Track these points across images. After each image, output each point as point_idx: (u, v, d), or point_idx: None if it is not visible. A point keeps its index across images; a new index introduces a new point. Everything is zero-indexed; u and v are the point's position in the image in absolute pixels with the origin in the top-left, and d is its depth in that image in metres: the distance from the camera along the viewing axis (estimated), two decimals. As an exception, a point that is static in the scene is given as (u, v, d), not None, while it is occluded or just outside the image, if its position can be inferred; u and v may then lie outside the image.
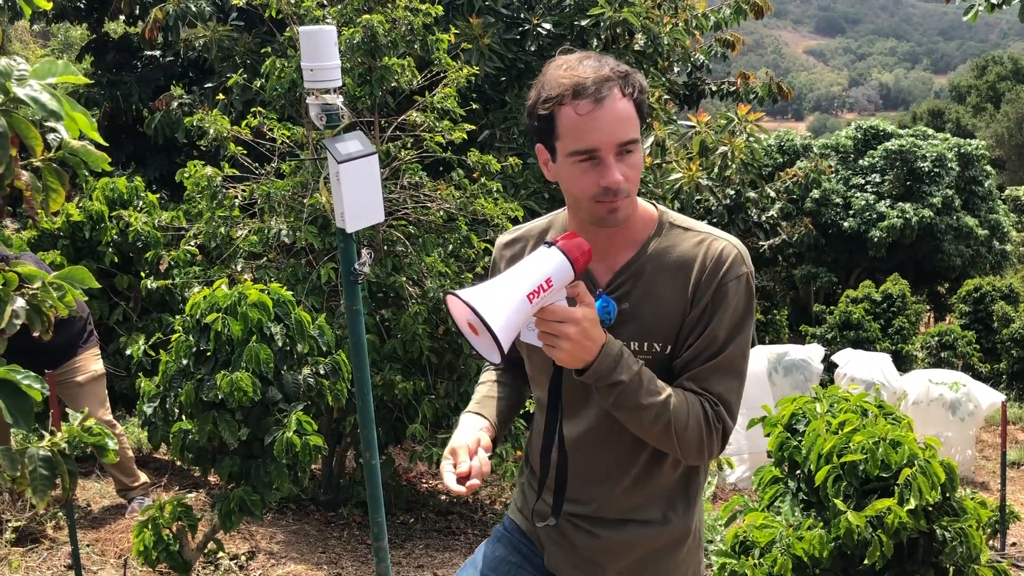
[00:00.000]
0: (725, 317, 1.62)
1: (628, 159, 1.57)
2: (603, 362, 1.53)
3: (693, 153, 6.98)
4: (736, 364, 1.65)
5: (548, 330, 1.51)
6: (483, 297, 1.44)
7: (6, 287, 1.48)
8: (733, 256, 1.64)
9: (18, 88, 1.26)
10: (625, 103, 1.56)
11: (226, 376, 3.49)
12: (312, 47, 2.81)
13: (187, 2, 8.10)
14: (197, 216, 5.36)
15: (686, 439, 1.60)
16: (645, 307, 1.65)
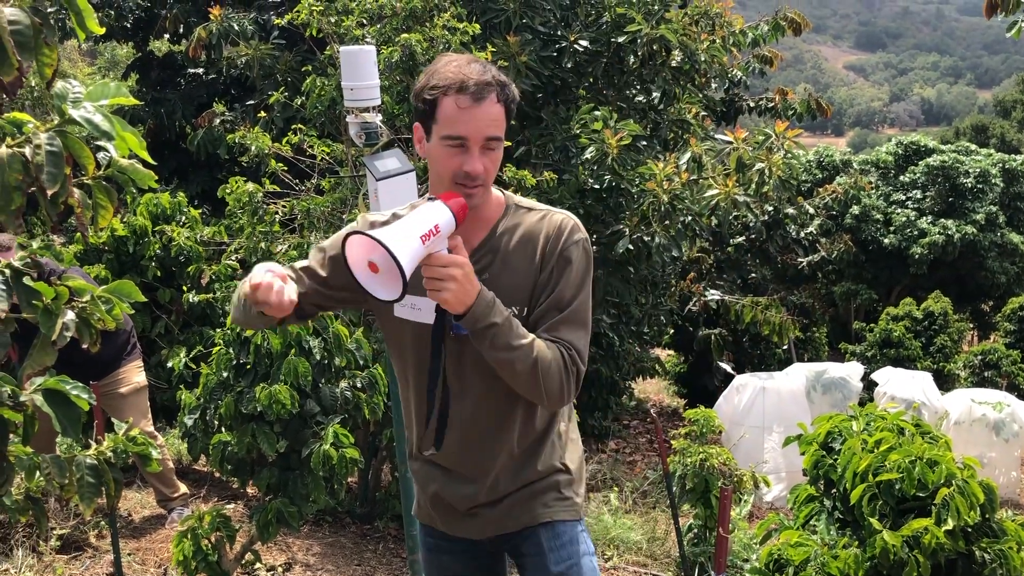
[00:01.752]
0: (570, 277, 1.90)
1: (490, 154, 1.85)
2: (480, 304, 1.76)
3: (730, 169, 6.95)
4: (582, 316, 1.93)
5: (435, 275, 1.73)
6: (387, 235, 1.61)
7: (57, 300, 1.53)
8: (571, 225, 1.94)
9: (73, 110, 1.31)
10: (498, 107, 1.83)
11: (265, 389, 3.55)
12: (352, 66, 2.87)
13: (230, 21, 8.26)
14: (238, 231, 5.46)
15: (550, 379, 1.84)
16: (502, 277, 1.91)
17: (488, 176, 1.86)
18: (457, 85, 1.80)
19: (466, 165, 1.83)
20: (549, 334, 1.88)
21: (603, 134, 6.71)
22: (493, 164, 1.86)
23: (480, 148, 1.84)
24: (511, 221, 1.96)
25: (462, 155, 1.84)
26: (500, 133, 1.85)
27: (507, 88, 1.85)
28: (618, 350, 8.77)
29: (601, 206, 7.27)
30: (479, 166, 1.83)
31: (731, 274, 12.60)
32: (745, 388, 7.47)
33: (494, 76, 1.84)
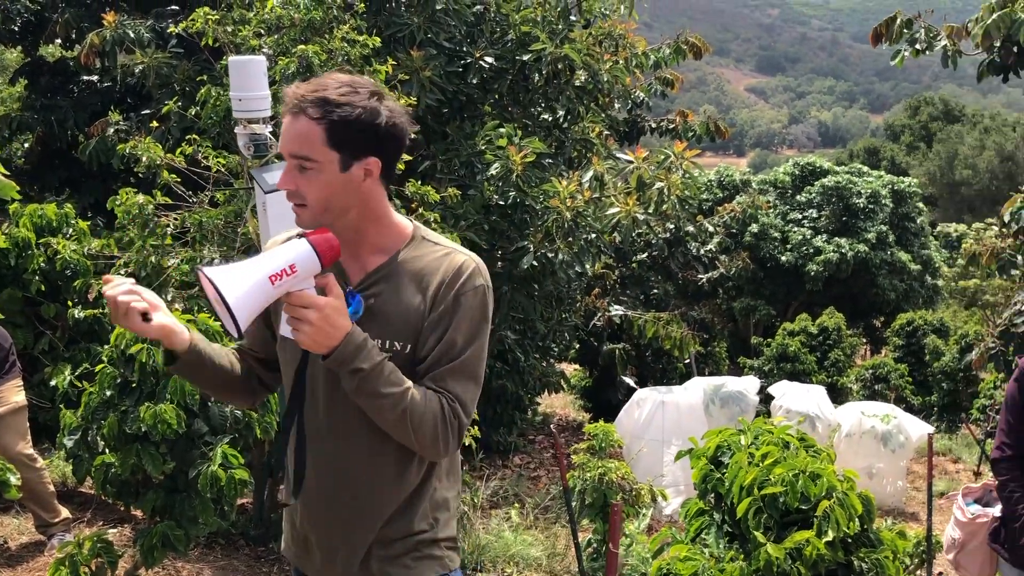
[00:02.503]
0: (462, 324, 1.81)
1: (308, 174, 1.75)
2: (345, 348, 1.69)
3: (631, 188, 7.07)
4: (472, 368, 1.83)
5: (293, 314, 1.67)
6: (225, 274, 1.58)
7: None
8: (471, 269, 1.84)
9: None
10: (310, 125, 1.73)
11: (150, 408, 3.42)
12: (241, 77, 2.80)
13: (125, 28, 8.02)
14: (128, 244, 5.28)
15: (423, 430, 1.76)
16: (389, 307, 1.83)
17: (306, 194, 1.76)
18: (287, 101, 1.77)
19: (279, 181, 1.79)
20: (435, 383, 1.80)
21: (508, 151, 6.75)
22: (310, 184, 1.75)
23: (292, 165, 1.76)
24: (412, 252, 1.87)
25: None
26: (308, 152, 1.73)
27: (334, 108, 1.73)
28: (523, 365, 8.79)
29: (506, 222, 7.30)
30: (284, 181, 1.76)
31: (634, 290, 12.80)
32: (645, 402, 7.58)
33: (324, 94, 1.74)
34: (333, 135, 1.73)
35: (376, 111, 1.76)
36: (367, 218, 1.84)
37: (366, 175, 1.79)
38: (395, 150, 1.83)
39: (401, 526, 1.91)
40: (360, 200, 1.81)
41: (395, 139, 1.81)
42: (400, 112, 1.82)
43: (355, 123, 1.74)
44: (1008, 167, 37.66)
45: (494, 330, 7.73)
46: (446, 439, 1.79)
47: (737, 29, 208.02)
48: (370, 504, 1.89)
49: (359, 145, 1.76)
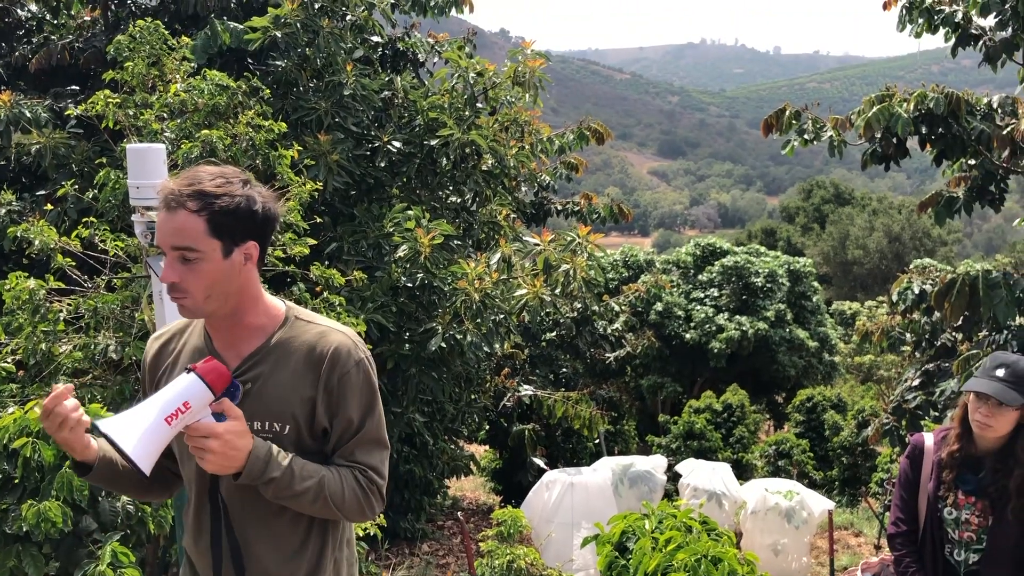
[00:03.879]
0: (352, 401, 1.89)
1: (191, 265, 1.80)
2: (254, 465, 1.76)
3: (538, 270, 7.18)
4: (376, 435, 1.93)
5: (194, 444, 1.73)
6: (121, 426, 1.62)
7: None
8: (348, 348, 1.90)
9: None
10: (190, 217, 1.78)
11: (33, 506, 3.24)
12: (139, 164, 2.77)
13: (21, 107, 7.83)
14: (17, 330, 5.06)
15: (347, 507, 1.86)
16: (267, 389, 1.88)
17: (190, 286, 1.81)
18: (160, 196, 1.82)
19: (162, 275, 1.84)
20: (345, 459, 1.90)
21: (416, 233, 6.78)
22: (195, 275, 1.80)
23: (174, 257, 1.81)
24: (287, 333, 1.92)
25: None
26: (191, 243, 1.79)
27: (213, 200, 1.78)
28: (432, 449, 8.69)
29: (414, 304, 7.30)
30: (168, 274, 1.81)
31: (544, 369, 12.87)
32: (554, 484, 7.55)
33: (200, 187, 1.79)
34: (214, 225, 1.80)
35: (252, 198, 1.84)
36: (244, 302, 1.89)
37: (246, 259, 1.86)
38: (270, 233, 1.91)
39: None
40: (239, 285, 1.87)
41: (271, 222, 1.89)
42: (271, 196, 1.91)
43: (235, 212, 1.81)
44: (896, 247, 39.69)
45: (401, 413, 7.66)
46: (370, 505, 1.90)
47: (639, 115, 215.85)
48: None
49: (239, 232, 1.82)
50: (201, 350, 1.92)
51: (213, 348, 1.93)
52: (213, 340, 1.94)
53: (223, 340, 1.92)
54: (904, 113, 7.54)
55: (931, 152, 8.02)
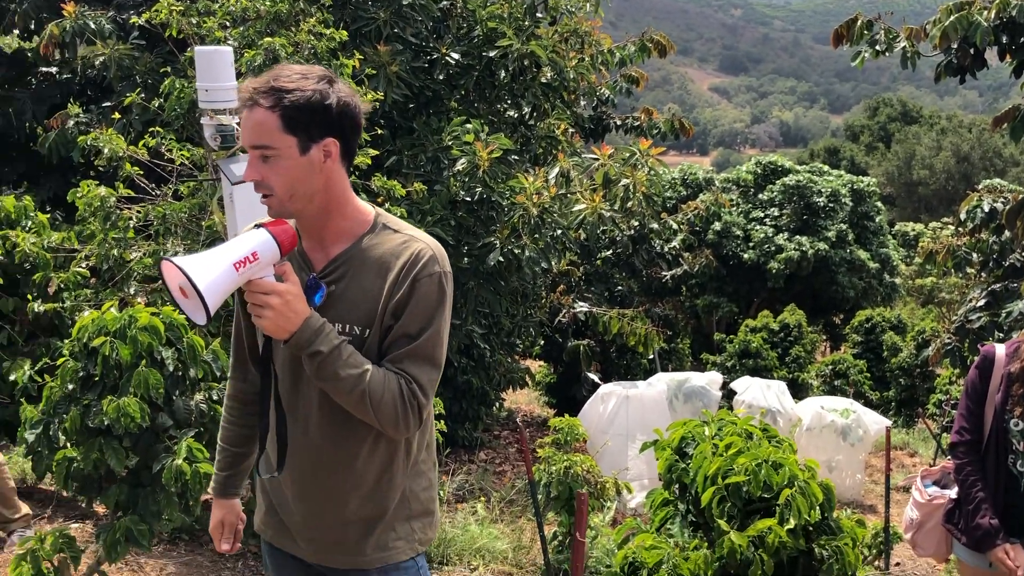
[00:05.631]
0: (418, 309, 1.86)
1: (271, 163, 1.81)
2: (304, 333, 1.76)
3: (597, 185, 7.12)
4: (429, 351, 1.88)
5: (254, 300, 1.74)
6: (194, 262, 1.64)
7: None
8: (429, 256, 1.88)
9: None
10: (266, 114, 1.78)
11: (113, 402, 3.39)
12: (207, 67, 2.79)
13: (85, 19, 7.90)
14: (89, 237, 5.21)
15: (383, 410, 1.82)
16: (350, 293, 1.89)
17: (272, 184, 1.81)
18: (241, 95, 1.84)
19: (244, 174, 1.85)
20: (393, 365, 1.86)
21: (474, 146, 6.76)
22: (275, 172, 1.81)
23: (255, 156, 1.81)
24: (374, 239, 1.91)
25: None
26: (267, 141, 1.79)
27: (284, 95, 1.78)
28: (489, 361, 8.81)
29: (472, 218, 7.31)
30: (249, 173, 1.82)
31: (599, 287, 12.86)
32: (609, 397, 7.63)
33: (271, 85, 1.79)
34: (287, 120, 1.78)
35: (325, 93, 1.81)
36: (331, 204, 1.89)
37: (326, 156, 1.84)
38: (351, 130, 1.87)
39: (373, 505, 1.97)
40: (323, 184, 1.86)
41: (349, 118, 1.85)
42: (352, 94, 1.87)
43: (307, 106, 1.79)
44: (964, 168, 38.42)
45: (460, 325, 7.75)
46: (406, 419, 1.84)
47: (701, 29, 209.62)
48: (340, 482, 1.95)
49: (314, 127, 1.81)
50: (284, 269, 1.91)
51: (302, 248, 1.94)
52: (302, 240, 1.95)
53: (311, 241, 1.93)
54: (984, 21, 7.21)
55: (1010, 63, 7.68)
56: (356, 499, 1.96)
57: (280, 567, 2.14)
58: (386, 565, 2.00)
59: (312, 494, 1.97)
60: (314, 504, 1.97)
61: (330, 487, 1.95)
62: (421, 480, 2.05)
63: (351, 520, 1.97)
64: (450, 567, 4.98)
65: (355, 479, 1.95)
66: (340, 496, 1.95)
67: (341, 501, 1.96)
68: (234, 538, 2.08)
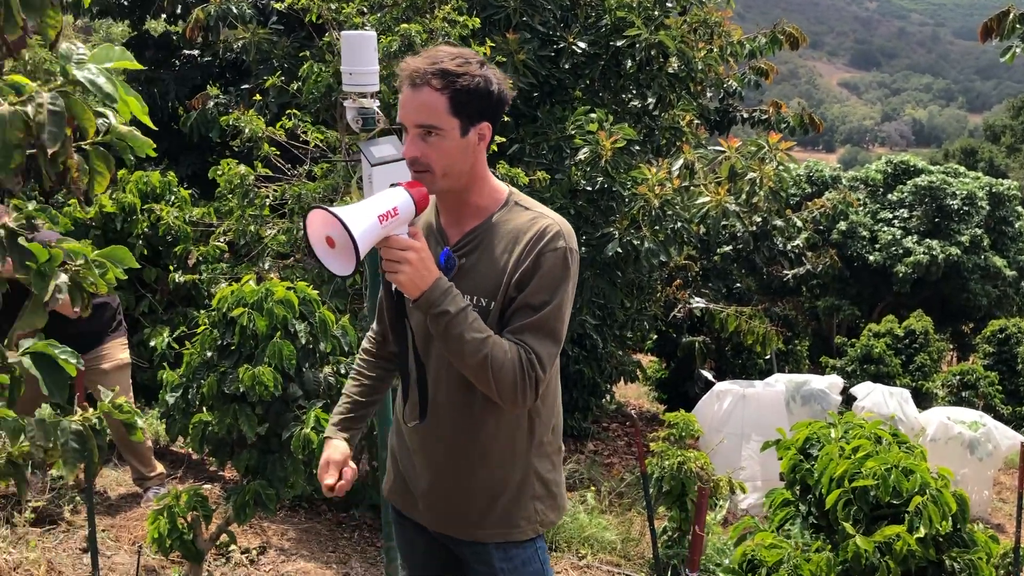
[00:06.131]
0: (543, 282, 1.88)
1: (431, 141, 1.86)
2: (434, 291, 1.80)
3: (721, 178, 6.99)
4: (550, 325, 1.89)
5: (392, 257, 1.78)
6: (345, 211, 1.69)
7: (51, 263, 1.53)
8: (555, 232, 1.91)
9: (77, 71, 1.32)
10: (434, 95, 1.84)
11: (248, 370, 3.54)
12: (352, 51, 2.87)
13: (228, 4, 8.24)
14: (228, 213, 5.45)
15: (502, 378, 1.83)
16: (480, 266, 1.94)
17: (431, 162, 1.87)
18: (404, 75, 1.88)
19: (403, 150, 1.90)
20: (514, 336, 1.88)
21: (598, 136, 6.74)
22: (435, 151, 1.86)
23: (416, 134, 1.87)
24: (505, 215, 1.97)
25: (406, 140, 1.91)
26: (433, 121, 1.84)
27: (455, 78, 1.84)
28: (601, 352, 8.80)
29: (592, 208, 7.30)
30: (411, 150, 1.87)
31: (716, 283, 12.66)
32: (725, 395, 7.51)
33: (437, 64, 1.84)
34: (455, 103, 1.84)
35: (490, 79, 1.89)
36: (473, 182, 1.95)
37: (480, 139, 1.92)
38: (501, 115, 1.96)
39: (497, 479, 2.01)
40: (471, 164, 1.93)
41: (503, 104, 1.93)
42: (504, 79, 1.94)
43: (475, 91, 1.86)
44: (1116, 174, 35.91)
45: (574, 314, 7.76)
46: (524, 390, 1.86)
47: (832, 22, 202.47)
48: (466, 451, 1.99)
49: (476, 111, 1.88)
50: (430, 224, 2.01)
51: (439, 224, 2.01)
52: (440, 216, 2.02)
53: (449, 217, 2.00)
54: None
55: None
56: (481, 470, 2.00)
57: (404, 532, 2.22)
58: (506, 542, 2.03)
59: (438, 462, 2.02)
60: (439, 472, 2.02)
61: (456, 455, 2.00)
62: (545, 462, 2.08)
63: (474, 491, 2.01)
64: (559, 553, 5.02)
65: (480, 449, 1.99)
66: (465, 465, 2.00)
67: (466, 471, 2.00)
68: (340, 477, 2.04)
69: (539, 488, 2.06)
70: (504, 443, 2.00)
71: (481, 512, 2.01)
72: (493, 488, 2.01)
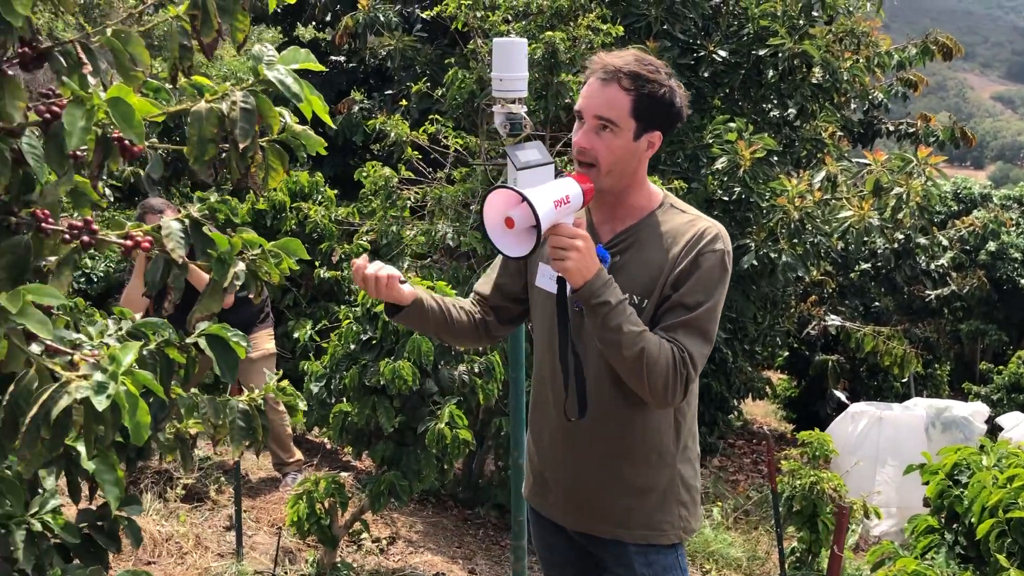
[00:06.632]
0: (699, 282, 1.89)
1: (604, 136, 1.89)
2: (596, 281, 1.81)
3: (865, 192, 6.75)
4: (703, 325, 1.89)
5: (560, 244, 1.78)
6: (530, 192, 1.71)
7: (231, 251, 1.64)
8: (714, 234, 1.94)
9: (268, 71, 1.41)
10: (620, 93, 1.87)
11: (389, 364, 3.67)
12: (503, 58, 2.94)
13: (376, 11, 8.53)
14: (370, 214, 5.64)
15: (655, 373, 1.82)
16: (632, 264, 1.95)
17: (598, 155, 1.89)
18: (597, 67, 1.91)
19: (575, 137, 1.93)
20: (666, 333, 1.87)
21: (736, 145, 6.62)
22: (606, 146, 1.89)
23: (592, 126, 1.89)
24: (661, 217, 1.99)
25: (579, 130, 1.93)
26: (613, 117, 1.87)
27: (644, 83, 1.86)
28: (730, 366, 8.63)
29: (728, 218, 7.17)
30: (583, 139, 1.90)
31: (853, 300, 12.21)
32: (861, 417, 7.24)
33: (635, 69, 1.87)
34: (638, 106, 1.88)
35: (674, 92, 1.92)
36: (632, 185, 1.98)
37: (648, 146, 1.94)
38: (673, 129, 1.98)
39: (644, 479, 2.00)
40: (634, 168, 1.96)
41: (679, 120, 1.96)
42: (686, 97, 1.97)
43: (660, 100, 1.89)
44: None
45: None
46: (675, 387, 1.85)
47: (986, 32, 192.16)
48: (613, 449, 2.00)
49: (654, 119, 1.91)
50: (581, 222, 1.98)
51: (591, 220, 2.03)
52: (593, 214, 2.05)
53: (602, 215, 2.02)
54: None
55: None
56: (628, 469, 2.00)
57: (543, 534, 2.23)
58: (648, 545, 2.02)
59: (586, 458, 2.03)
60: (586, 469, 2.03)
61: (605, 453, 2.00)
62: (688, 468, 2.07)
63: (621, 490, 2.01)
64: (682, 566, 4.96)
65: (627, 447, 1.99)
66: (613, 463, 2.00)
67: (613, 468, 2.00)
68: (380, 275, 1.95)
69: (683, 493, 2.05)
70: (652, 443, 2.00)
71: (626, 511, 2.01)
72: (640, 488, 2.01)
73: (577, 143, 1.91)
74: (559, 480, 2.09)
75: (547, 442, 2.11)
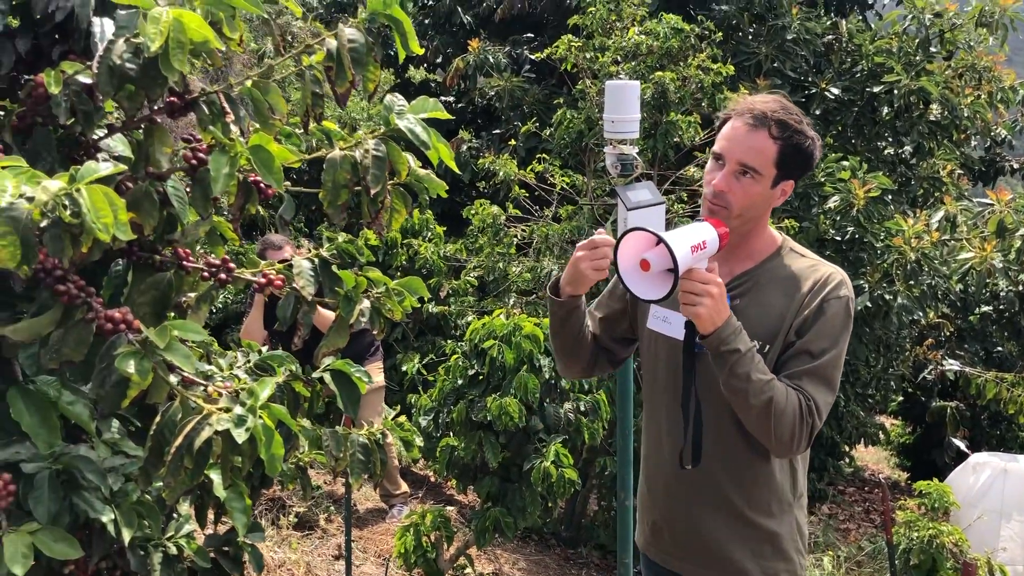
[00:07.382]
0: (824, 329, 1.86)
1: (744, 181, 1.87)
2: (727, 328, 1.78)
3: (988, 232, 6.49)
4: (828, 373, 1.86)
5: (694, 289, 1.76)
6: (669, 236, 1.71)
7: (356, 288, 1.71)
8: (838, 280, 1.92)
9: (399, 120, 1.48)
10: (767, 141, 1.86)
11: (496, 400, 3.71)
12: (616, 100, 2.97)
13: (486, 54, 8.72)
14: (478, 250, 5.74)
15: (783, 422, 1.79)
16: (752, 308, 1.92)
17: (734, 199, 1.87)
18: (743, 110, 1.89)
19: (715, 179, 1.90)
20: (791, 381, 1.84)
21: (850, 184, 6.48)
22: (744, 192, 1.87)
23: (733, 170, 1.87)
24: (781, 261, 1.97)
25: (716, 172, 1.91)
26: (757, 165, 1.85)
27: (792, 133, 1.86)
28: (842, 411, 8.35)
29: (840, 258, 6.99)
30: (722, 183, 1.87)
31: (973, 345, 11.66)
32: (983, 468, 6.88)
33: (779, 114, 1.86)
34: (783, 155, 1.88)
35: (816, 143, 1.91)
36: (756, 228, 1.97)
37: (781, 194, 1.93)
38: (803, 178, 1.99)
39: (766, 527, 1.97)
40: (762, 213, 1.96)
41: (811, 168, 1.96)
42: (820, 148, 1.96)
43: (803, 151, 1.89)
44: None
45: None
46: (800, 436, 1.82)
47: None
48: (736, 495, 1.96)
49: (793, 169, 1.90)
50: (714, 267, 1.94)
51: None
52: None
53: (721, 256, 1.96)
54: None
55: None
56: (749, 517, 1.97)
57: None
58: None
59: (705, 506, 2.00)
60: (706, 516, 2.00)
61: (724, 501, 1.97)
62: (803, 515, 2.04)
63: (741, 538, 1.98)
64: (791, 617, 4.80)
65: (749, 495, 1.96)
66: (734, 511, 1.97)
67: (735, 516, 1.97)
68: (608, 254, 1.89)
69: (801, 543, 2.02)
70: (773, 491, 1.97)
71: (747, 559, 1.98)
72: (762, 536, 1.98)
73: (717, 186, 1.89)
74: (676, 528, 2.06)
75: (662, 489, 2.08)
